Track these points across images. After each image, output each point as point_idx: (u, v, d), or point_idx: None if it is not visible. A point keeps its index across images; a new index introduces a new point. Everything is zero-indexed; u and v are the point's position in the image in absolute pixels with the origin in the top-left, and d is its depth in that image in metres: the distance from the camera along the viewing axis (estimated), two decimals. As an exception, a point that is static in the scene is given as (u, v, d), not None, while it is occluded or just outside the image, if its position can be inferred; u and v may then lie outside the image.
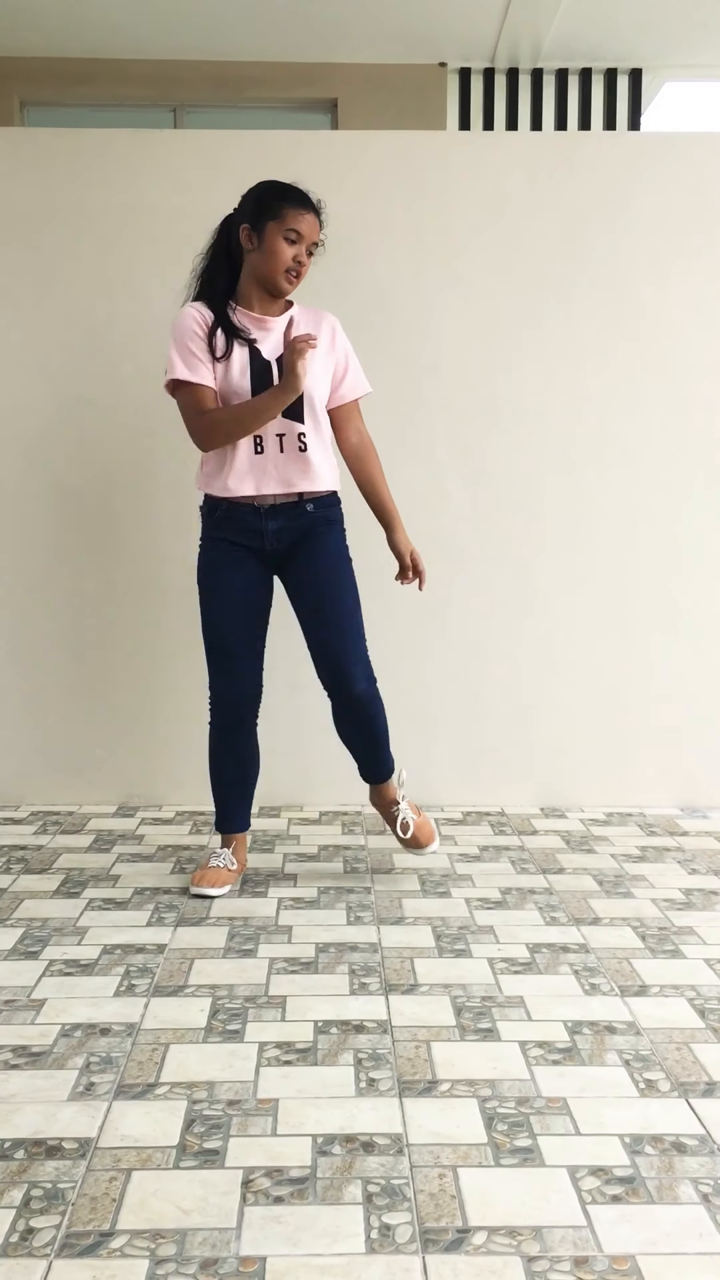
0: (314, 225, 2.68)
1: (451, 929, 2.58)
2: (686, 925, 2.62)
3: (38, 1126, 1.73)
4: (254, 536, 2.74)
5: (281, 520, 2.74)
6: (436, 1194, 1.56)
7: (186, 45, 6.22)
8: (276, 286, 2.69)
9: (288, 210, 2.65)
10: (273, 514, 2.73)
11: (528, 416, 3.55)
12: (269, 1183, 1.59)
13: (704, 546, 3.61)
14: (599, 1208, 1.54)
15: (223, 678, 2.81)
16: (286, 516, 2.74)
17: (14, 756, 3.62)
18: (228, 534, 2.76)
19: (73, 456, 3.54)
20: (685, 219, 3.51)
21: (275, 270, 2.66)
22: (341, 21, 5.97)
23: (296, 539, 2.76)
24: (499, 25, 6.09)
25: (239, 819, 2.93)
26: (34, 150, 3.48)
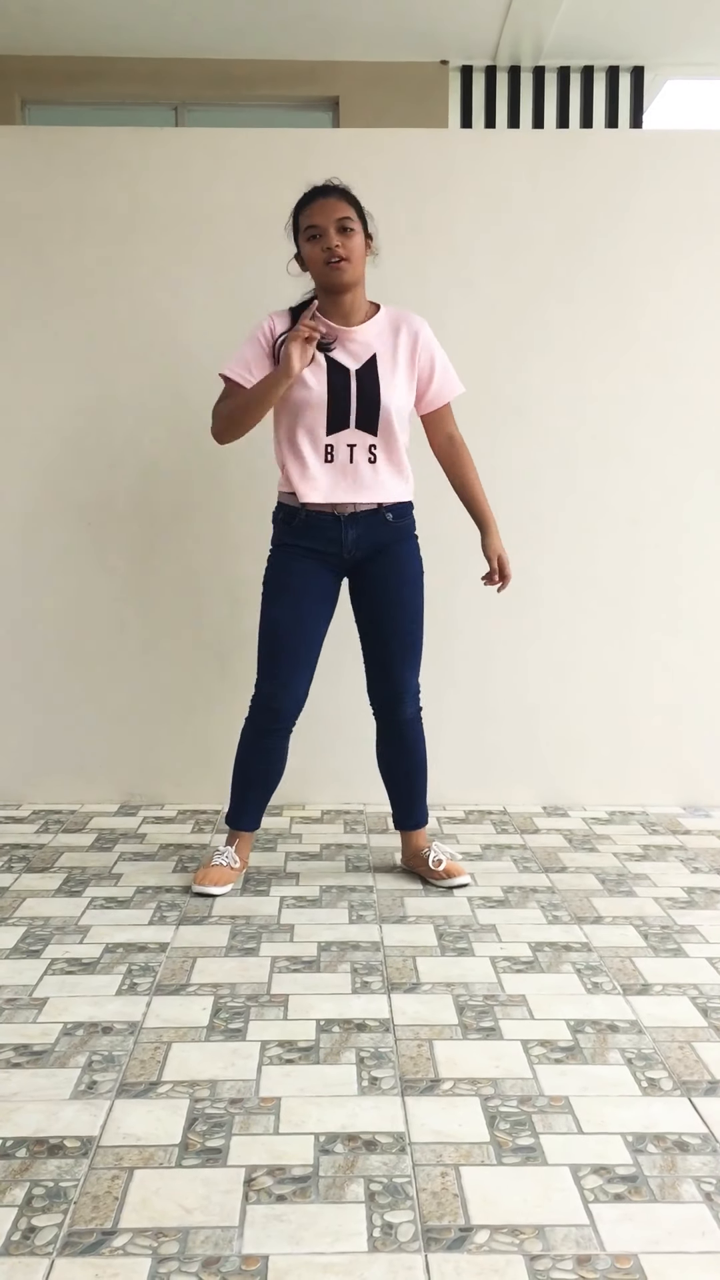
0: (329, 207, 2.61)
1: (454, 928, 2.58)
2: (689, 924, 2.62)
3: (40, 1125, 1.73)
4: (333, 544, 2.73)
5: (360, 529, 2.73)
6: (439, 1192, 1.56)
7: (188, 43, 6.22)
8: (329, 283, 2.65)
9: (301, 216, 2.66)
10: (353, 522, 2.72)
11: (529, 415, 3.55)
12: (271, 1181, 1.59)
13: (706, 545, 3.60)
14: (601, 1206, 1.53)
15: (273, 682, 2.78)
16: (365, 525, 2.73)
17: (16, 755, 3.62)
18: (305, 541, 2.74)
19: (73, 455, 3.54)
20: (687, 216, 3.51)
21: (318, 273, 2.66)
22: (343, 20, 5.97)
23: (375, 548, 2.76)
24: (501, 23, 6.08)
25: (251, 818, 2.92)
26: (35, 149, 3.48)
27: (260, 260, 3.46)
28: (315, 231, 2.62)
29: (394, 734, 2.89)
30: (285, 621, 2.75)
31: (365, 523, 2.73)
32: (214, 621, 3.58)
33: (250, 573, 3.51)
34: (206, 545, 3.57)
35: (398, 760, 2.92)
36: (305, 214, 2.64)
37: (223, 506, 3.55)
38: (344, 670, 3.45)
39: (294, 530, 2.75)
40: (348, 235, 2.61)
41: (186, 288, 3.50)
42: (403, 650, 2.82)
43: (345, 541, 2.73)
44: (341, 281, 2.63)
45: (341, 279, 2.63)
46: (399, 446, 2.74)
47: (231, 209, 3.47)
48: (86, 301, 3.49)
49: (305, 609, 2.75)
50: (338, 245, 2.60)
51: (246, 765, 2.87)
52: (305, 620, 2.75)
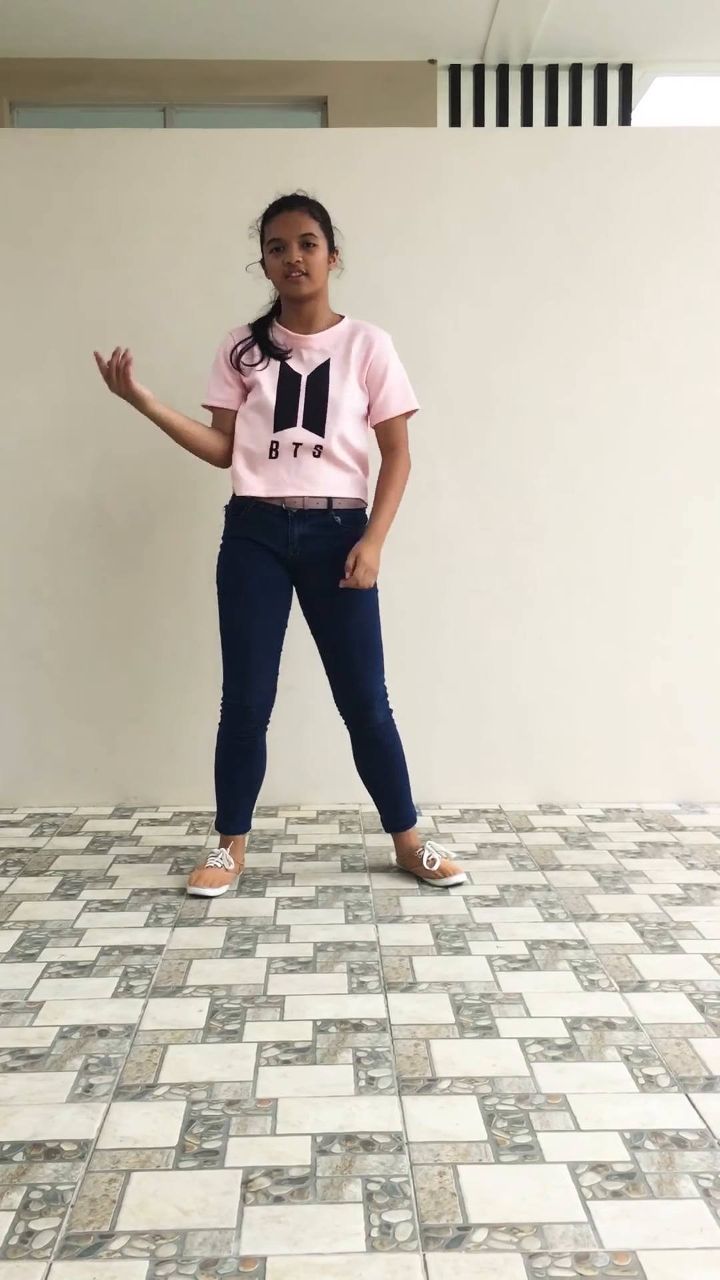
0: (293, 221, 2.65)
1: (450, 927, 2.58)
2: (685, 920, 2.62)
3: (37, 1129, 1.73)
4: (278, 539, 2.74)
5: (307, 527, 2.73)
6: (437, 1191, 1.56)
7: (176, 44, 6.21)
8: (287, 295, 2.70)
9: (265, 226, 2.70)
10: (300, 519, 2.73)
11: (523, 413, 3.55)
12: (269, 1182, 1.59)
13: (701, 542, 3.61)
14: (599, 1203, 1.53)
15: (237, 681, 2.79)
16: (313, 524, 2.73)
17: (10, 759, 3.62)
18: (251, 534, 2.75)
19: (65, 458, 3.53)
20: (678, 213, 3.51)
21: (278, 283, 2.71)
22: (331, 19, 5.96)
23: (322, 552, 2.75)
24: (489, 21, 6.08)
25: (241, 821, 2.93)
26: (24, 150, 3.47)
27: (249, 259, 3.45)
28: (278, 244, 2.66)
29: (367, 741, 2.89)
30: (242, 620, 2.77)
31: (313, 521, 2.73)
32: (208, 624, 3.57)
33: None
34: (199, 548, 3.56)
35: (375, 766, 2.91)
36: (270, 225, 2.68)
37: (214, 509, 3.53)
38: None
39: (242, 521, 2.77)
40: (310, 250, 2.66)
41: (176, 288, 3.49)
42: (364, 657, 2.81)
43: (291, 536, 2.73)
44: (300, 294, 2.69)
45: (299, 292, 2.68)
46: (349, 447, 2.74)
47: (220, 209, 3.47)
48: (76, 302, 3.49)
49: (261, 604, 2.76)
50: (298, 260, 2.64)
51: (227, 769, 2.88)
52: (262, 615, 2.76)
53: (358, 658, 2.80)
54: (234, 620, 2.77)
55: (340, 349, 2.75)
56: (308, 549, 2.74)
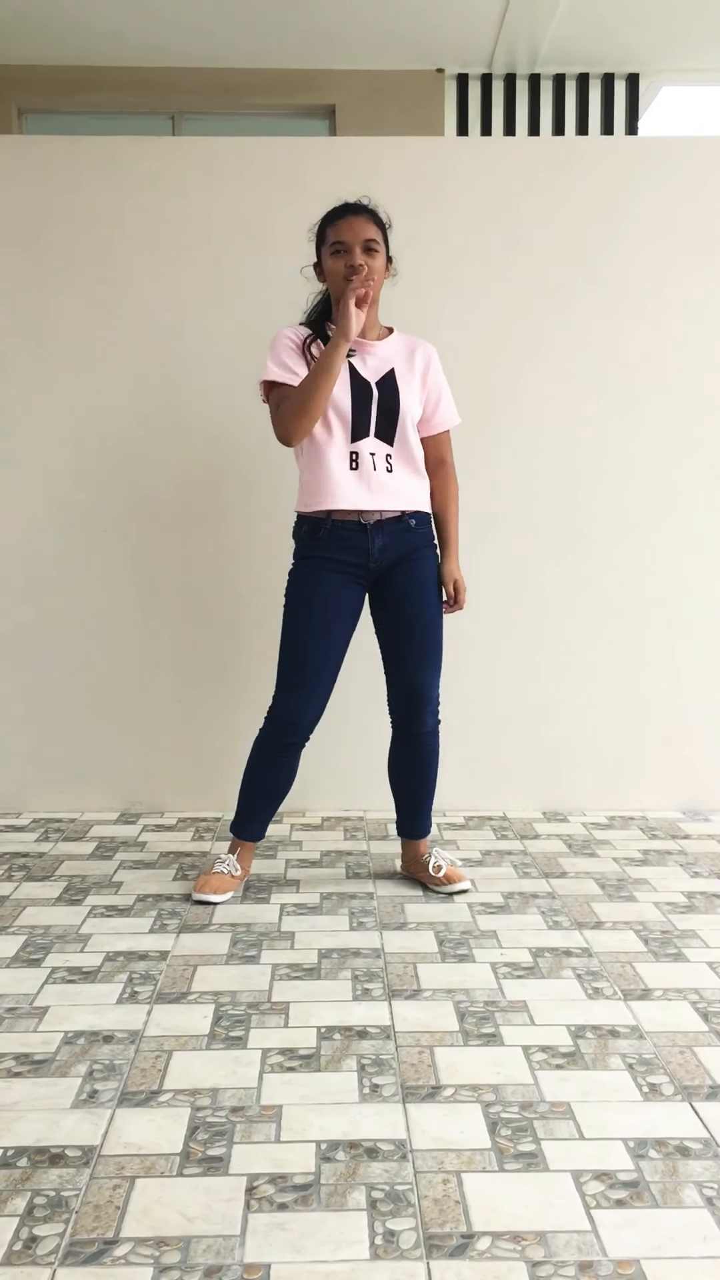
0: (357, 225, 2.66)
1: (454, 934, 2.58)
2: (689, 928, 2.62)
3: (41, 1135, 1.73)
4: (360, 554, 2.73)
5: (386, 536, 2.74)
6: (440, 1199, 1.56)
7: (184, 52, 6.23)
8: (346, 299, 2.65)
9: (328, 229, 2.70)
10: (379, 530, 2.73)
11: (530, 421, 3.56)
12: (273, 1189, 1.59)
13: (707, 551, 3.61)
14: (603, 1212, 1.53)
15: (294, 695, 2.75)
16: (390, 533, 2.74)
17: (16, 764, 3.62)
18: (329, 553, 2.73)
19: (71, 463, 3.54)
20: (684, 223, 3.52)
21: (337, 288, 2.69)
22: (339, 28, 5.98)
23: (398, 556, 2.76)
24: (496, 31, 6.10)
25: (258, 829, 2.91)
26: (33, 158, 3.49)
27: (258, 268, 3.47)
28: (341, 247, 2.66)
29: (411, 746, 2.88)
30: (309, 635, 2.73)
31: (390, 530, 2.74)
32: (214, 630, 3.58)
33: (249, 581, 3.52)
34: (206, 553, 3.57)
35: (411, 771, 2.91)
36: (334, 228, 2.68)
37: (223, 515, 3.55)
38: (345, 678, 3.45)
39: (319, 542, 2.73)
40: (371, 256, 2.67)
41: (184, 296, 3.50)
42: (426, 658, 2.82)
43: (372, 550, 2.73)
44: (357, 301, 2.64)
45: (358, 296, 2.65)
46: (414, 456, 2.77)
47: (229, 217, 3.48)
48: (84, 310, 3.50)
49: (330, 623, 2.74)
50: (361, 264, 2.64)
51: (257, 776, 2.85)
52: (329, 634, 2.74)
53: (424, 664, 2.81)
54: (302, 639, 2.74)
55: (402, 359, 2.77)
56: (385, 557, 2.75)
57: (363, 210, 2.70)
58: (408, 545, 2.77)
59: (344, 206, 2.71)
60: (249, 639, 3.55)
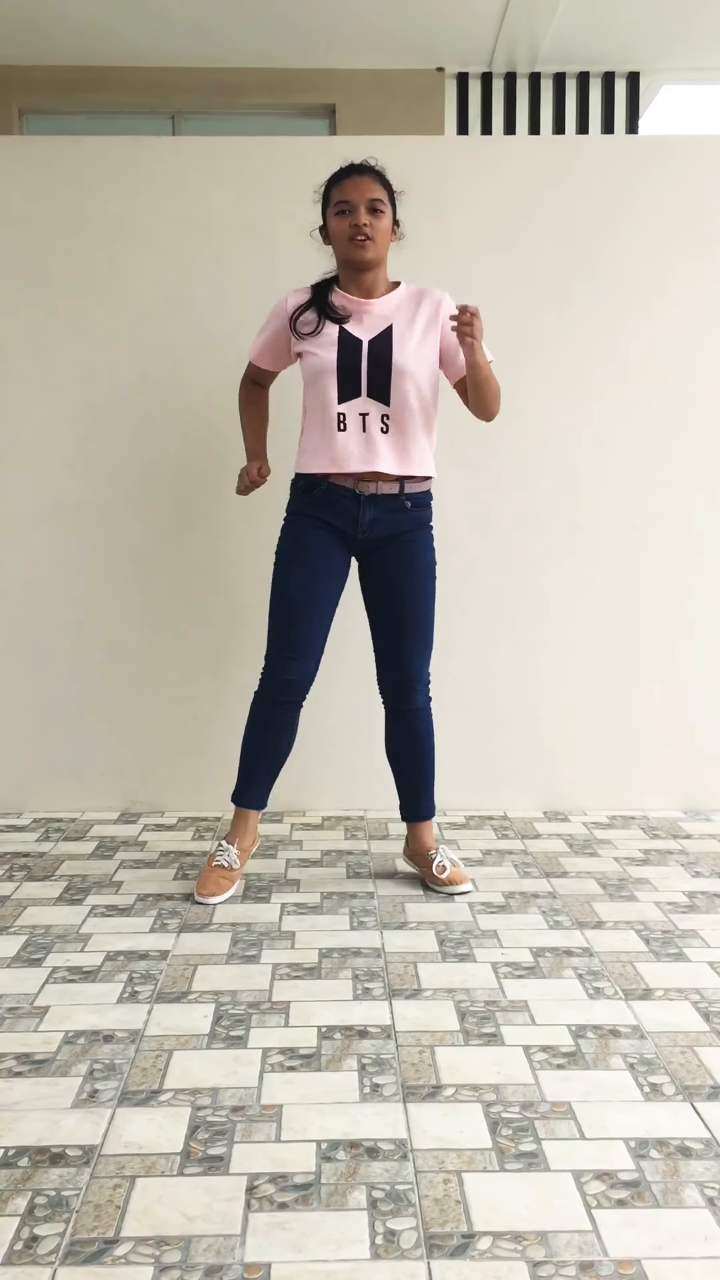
0: (362, 185, 2.65)
1: (455, 933, 2.58)
2: (690, 928, 2.62)
3: (41, 1134, 1.73)
4: (349, 522, 2.73)
5: (379, 511, 2.72)
6: (441, 1199, 1.56)
7: (184, 52, 6.24)
8: (350, 259, 2.67)
9: (332, 189, 2.70)
10: (372, 503, 2.71)
11: (530, 421, 3.55)
12: (273, 1189, 1.59)
13: (707, 551, 3.61)
14: (604, 1212, 1.53)
15: (283, 652, 2.76)
16: (384, 508, 2.72)
17: (16, 763, 3.62)
18: (322, 514, 2.74)
19: (72, 463, 3.54)
20: (684, 222, 3.51)
21: (341, 248, 2.69)
22: (339, 27, 5.98)
23: (390, 534, 2.75)
24: (496, 30, 6.10)
25: (259, 795, 2.88)
26: (33, 158, 3.48)
27: (258, 267, 3.47)
28: (345, 207, 2.65)
29: (403, 723, 2.88)
30: (298, 591, 2.74)
31: (384, 505, 2.72)
32: (215, 630, 3.58)
33: (250, 580, 3.51)
34: (206, 552, 3.57)
35: (406, 750, 2.90)
36: (338, 188, 2.67)
37: (223, 513, 3.55)
38: (344, 675, 3.45)
39: (313, 501, 2.74)
40: (376, 215, 2.66)
41: (185, 295, 3.50)
42: (415, 636, 2.81)
43: (361, 521, 2.72)
44: (364, 259, 2.66)
45: (364, 256, 2.66)
46: (415, 420, 2.72)
47: (229, 217, 3.48)
48: (85, 310, 3.50)
49: (319, 579, 2.74)
50: (365, 224, 2.63)
51: (255, 738, 2.84)
52: (318, 590, 2.75)
53: (413, 643, 2.81)
54: (291, 591, 2.75)
55: (404, 312, 2.72)
56: (375, 531, 2.74)
57: (368, 170, 2.68)
58: (400, 525, 2.75)
59: (349, 166, 2.69)
60: (250, 639, 3.54)
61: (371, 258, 2.67)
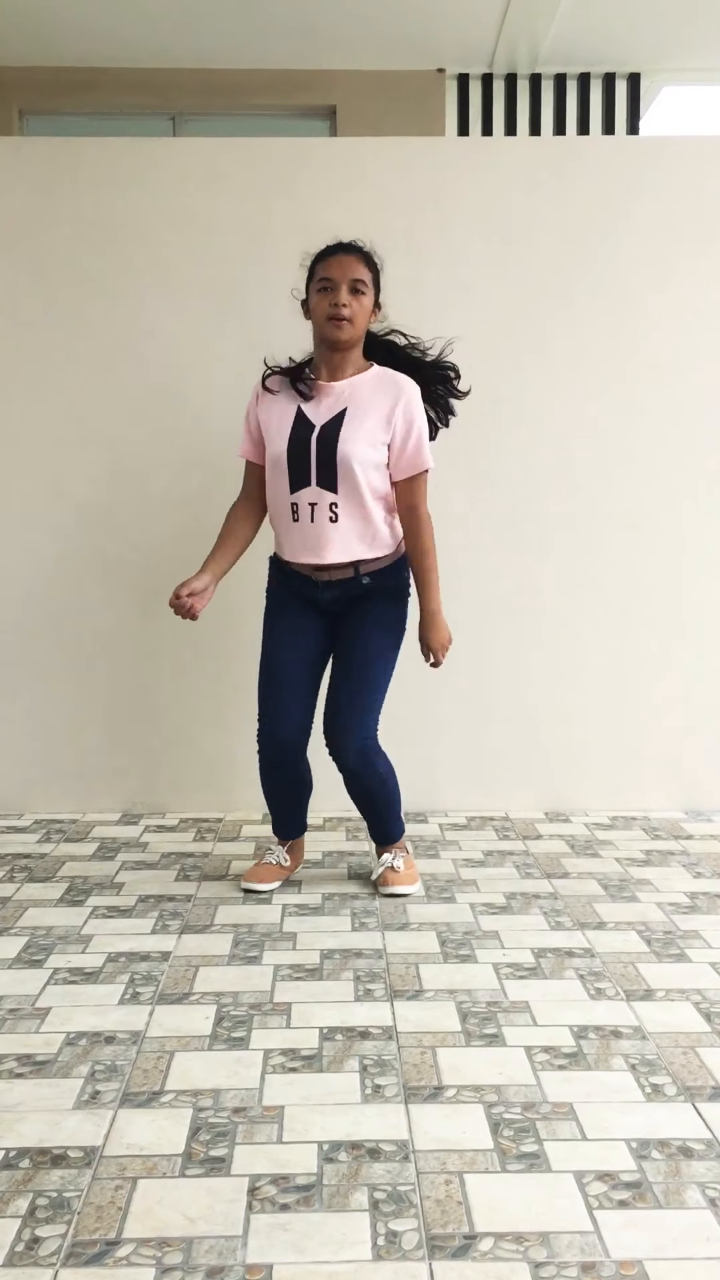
0: (346, 263, 2.64)
1: (456, 934, 2.58)
2: (692, 929, 2.62)
3: (43, 1135, 1.73)
4: (311, 599, 2.78)
5: (337, 591, 2.76)
6: (443, 1200, 1.56)
7: (185, 53, 6.23)
8: (327, 338, 2.67)
9: (317, 265, 2.68)
10: (329, 586, 2.75)
11: (529, 421, 3.55)
12: (275, 1190, 1.58)
13: (707, 550, 3.61)
14: (606, 1213, 1.53)
15: (271, 706, 2.80)
16: (342, 589, 2.75)
17: (17, 765, 3.62)
18: (289, 585, 2.81)
19: (73, 465, 3.54)
20: (685, 222, 3.51)
21: (319, 325, 2.68)
22: (339, 28, 5.98)
23: (351, 603, 2.77)
24: (497, 30, 6.09)
25: (295, 827, 2.97)
26: (33, 159, 3.49)
27: (258, 269, 3.47)
28: (328, 285, 2.64)
29: (346, 777, 2.83)
30: (276, 657, 2.81)
31: (342, 586, 2.75)
32: (214, 631, 3.58)
33: (249, 583, 3.51)
34: (206, 554, 3.56)
35: (358, 798, 2.89)
36: (322, 265, 2.67)
37: (222, 516, 3.54)
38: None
39: (284, 576, 2.82)
40: (357, 296, 2.64)
41: (184, 297, 3.50)
42: (352, 691, 2.75)
43: (321, 600, 2.77)
44: (340, 339, 2.65)
45: (340, 337, 2.65)
46: (365, 503, 2.67)
47: (229, 218, 3.48)
48: (84, 311, 3.50)
49: (295, 645, 2.80)
50: (344, 305, 2.62)
51: (270, 791, 2.92)
52: (295, 656, 2.80)
53: (348, 693, 2.75)
54: (267, 657, 2.82)
55: (362, 395, 2.67)
56: (337, 606, 2.78)
57: (355, 249, 2.68)
58: (363, 595, 2.76)
59: (336, 245, 2.69)
60: (250, 640, 3.53)
61: (347, 339, 2.66)
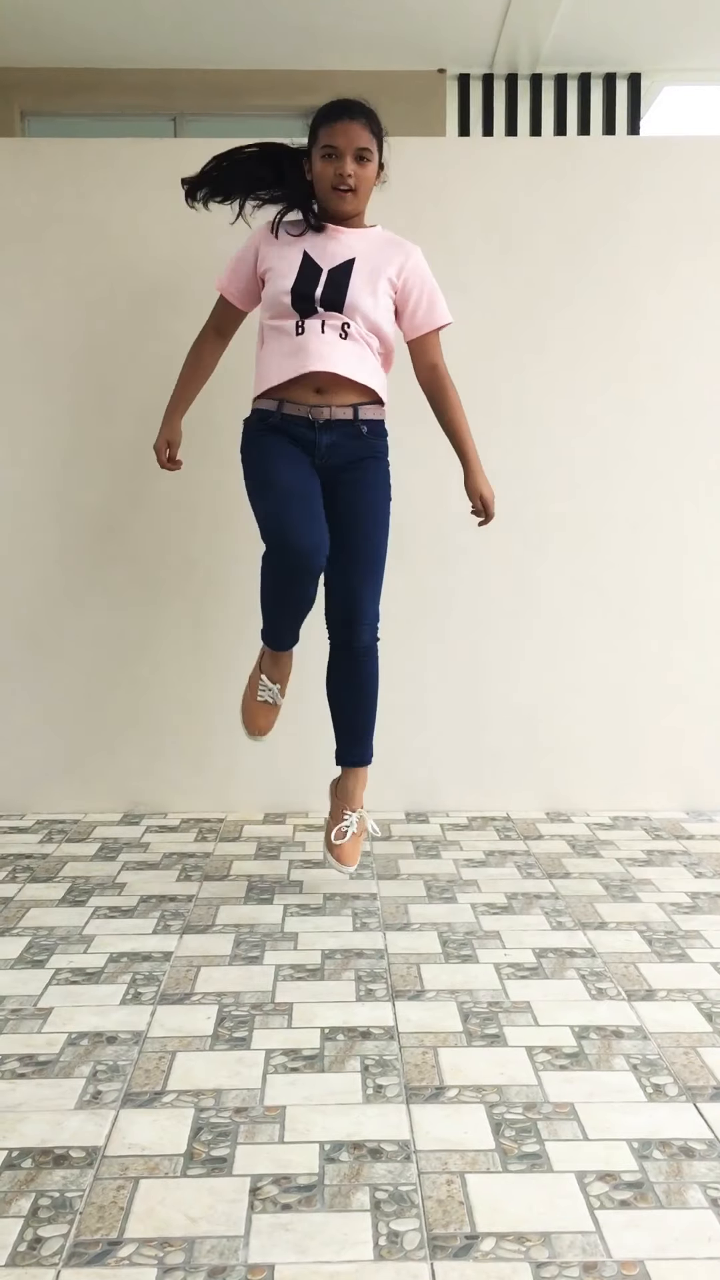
0: (352, 131, 2.56)
1: (457, 934, 2.58)
2: (693, 929, 2.62)
3: (45, 1135, 1.73)
4: (308, 446, 2.64)
5: (335, 436, 2.63)
6: (444, 1200, 1.56)
7: (186, 54, 6.25)
8: (330, 207, 2.62)
9: (321, 129, 2.60)
10: (327, 428, 2.63)
11: (529, 420, 3.56)
12: (277, 1190, 1.59)
13: (707, 550, 3.61)
14: (607, 1213, 1.53)
15: (291, 518, 2.56)
16: (340, 433, 2.63)
17: (19, 765, 3.62)
18: (281, 433, 2.65)
19: (75, 465, 3.54)
20: (686, 223, 3.51)
21: (323, 192, 2.62)
22: (340, 29, 5.99)
23: (346, 462, 2.66)
24: (497, 31, 6.10)
25: (292, 638, 2.77)
26: (35, 160, 3.49)
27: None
28: (332, 152, 2.58)
29: (347, 661, 2.75)
30: (284, 475, 2.60)
31: (339, 430, 2.64)
32: (217, 630, 3.58)
33: (253, 582, 3.51)
34: (208, 553, 3.57)
35: (347, 691, 2.79)
36: (327, 130, 2.59)
37: (226, 515, 3.55)
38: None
39: (269, 427, 2.66)
40: (362, 164, 2.60)
41: (187, 296, 3.50)
42: (365, 570, 2.69)
43: (319, 444, 2.63)
44: (344, 209, 2.63)
45: (345, 208, 2.62)
46: (372, 342, 2.63)
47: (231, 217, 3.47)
48: (85, 311, 3.50)
49: (299, 469, 2.62)
50: (349, 174, 2.58)
51: (280, 600, 2.69)
52: (303, 476, 2.62)
53: (362, 572, 2.69)
54: (270, 483, 2.61)
55: (370, 252, 2.64)
56: (333, 457, 2.65)
57: (360, 113, 2.61)
58: (357, 452, 2.67)
59: (340, 105, 2.60)
60: (253, 639, 3.54)
61: (352, 209, 2.63)
